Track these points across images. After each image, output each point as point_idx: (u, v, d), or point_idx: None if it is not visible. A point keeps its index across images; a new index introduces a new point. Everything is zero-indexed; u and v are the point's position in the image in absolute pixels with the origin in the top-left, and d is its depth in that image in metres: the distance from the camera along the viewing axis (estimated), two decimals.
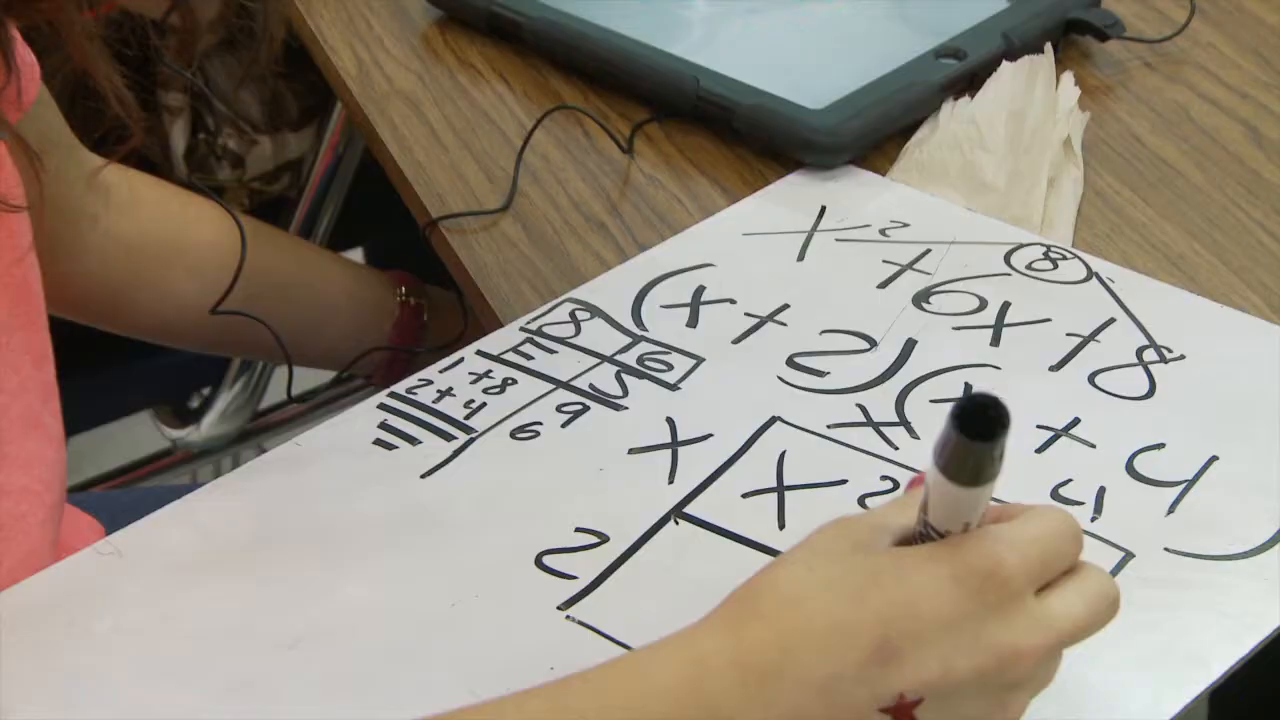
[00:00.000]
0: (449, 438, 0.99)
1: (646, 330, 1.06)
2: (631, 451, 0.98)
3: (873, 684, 0.71)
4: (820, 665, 0.72)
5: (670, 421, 0.99)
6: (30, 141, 0.96)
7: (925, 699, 0.71)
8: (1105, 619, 0.75)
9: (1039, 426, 0.98)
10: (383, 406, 1.02)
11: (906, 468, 0.96)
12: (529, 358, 1.04)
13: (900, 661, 0.71)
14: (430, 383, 1.03)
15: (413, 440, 0.99)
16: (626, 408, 1.00)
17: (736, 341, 1.05)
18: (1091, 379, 1.01)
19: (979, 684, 0.72)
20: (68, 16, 0.88)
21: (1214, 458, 0.95)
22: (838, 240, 1.11)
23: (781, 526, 0.91)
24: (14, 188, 0.93)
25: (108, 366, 1.29)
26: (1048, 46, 1.28)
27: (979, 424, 0.67)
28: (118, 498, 1.20)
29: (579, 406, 1.01)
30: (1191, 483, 0.94)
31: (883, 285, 1.08)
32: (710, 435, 0.97)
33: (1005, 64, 1.24)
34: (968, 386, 1.02)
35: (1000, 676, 0.72)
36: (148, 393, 1.72)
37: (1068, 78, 1.24)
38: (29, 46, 1.00)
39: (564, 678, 0.73)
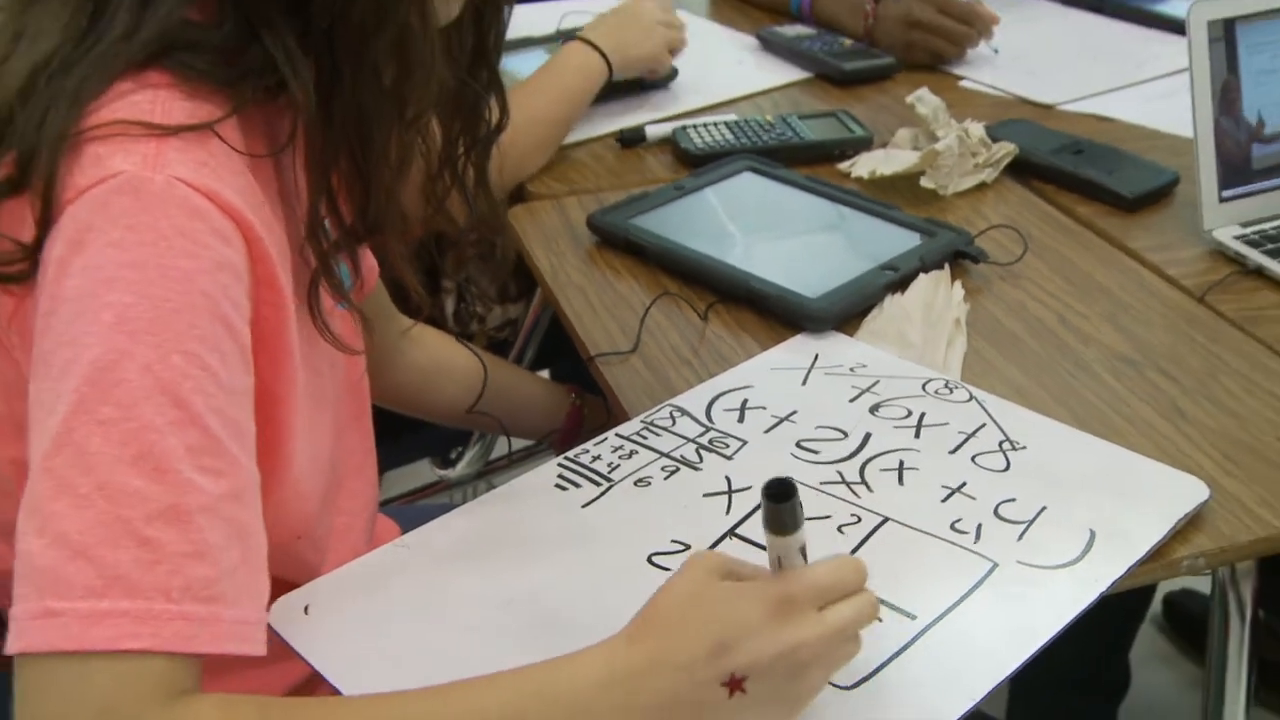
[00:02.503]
0: (598, 484, 0.99)
1: (714, 423, 1.05)
2: (704, 495, 0.97)
3: (714, 668, 0.70)
4: (681, 656, 0.71)
5: (727, 478, 0.98)
6: (366, 313, 0.99)
7: (748, 676, 0.70)
8: (863, 620, 0.74)
9: (942, 486, 0.97)
10: (560, 464, 1.01)
11: (866, 509, 0.95)
12: (644, 438, 1.04)
13: (730, 653, 0.71)
14: (587, 451, 1.03)
15: (576, 484, 0.99)
16: (701, 469, 1.00)
17: (767, 432, 1.04)
18: (973, 459, 1.01)
19: (780, 664, 0.71)
20: (392, 245, 0.89)
21: (1044, 507, 0.94)
22: (825, 374, 1.11)
23: None
24: (356, 339, 0.96)
25: (405, 433, 1.29)
26: (946, 265, 1.25)
27: (777, 493, 0.72)
28: (407, 511, 1.21)
29: (674, 468, 1.00)
30: (1031, 522, 0.93)
31: (851, 401, 1.08)
32: (750, 487, 0.97)
33: (921, 275, 1.25)
34: (901, 464, 0.99)
35: (792, 659, 0.71)
36: (427, 448, 1.72)
37: (957, 284, 1.24)
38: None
39: (508, 670, 0.73)
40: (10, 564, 0.87)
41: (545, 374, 1.69)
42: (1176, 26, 1.87)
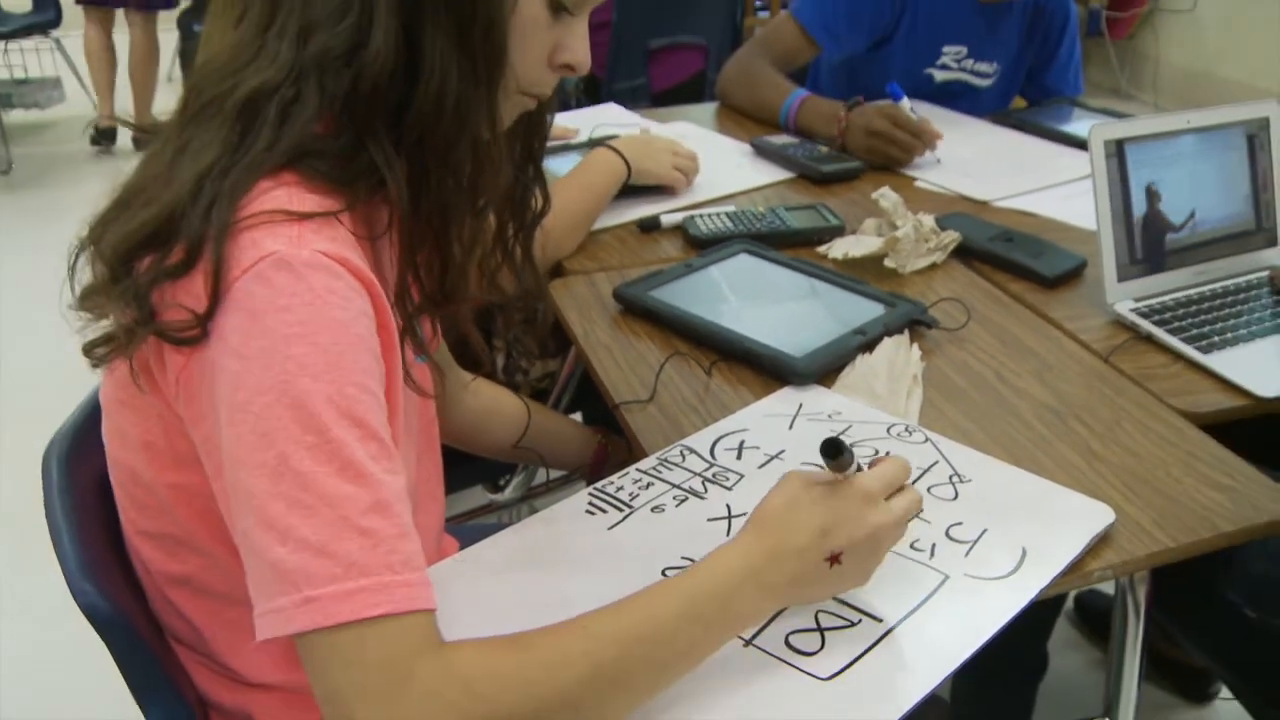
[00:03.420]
0: (621, 510, 0.98)
1: (716, 460, 1.05)
2: (708, 520, 0.97)
3: (820, 549, 0.79)
4: (798, 541, 0.79)
5: (728, 506, 0.98)
6: (438, 363, 0.97)
7: (844, 551, 0.79)
8: (916, 507, 0.84)
9: None
10: (590, 493, 1.01)
11: None
12: (659, 472, 1.03)
13: (831, 536, 0.79)
14: (612, 482, 1.02)
15: (604, 510, 0.98)
16: (706, 498, 1.00)
17: (760, 467, 1.04)
18: (928, 489, 1.01)
19: (865, 542, 0.80)
20: (462, 310, 0.91)
21: (985, 529, 0.95)
22: (808, 420, 1.11)
23: None
24: (430, 385, 0.93)
25: (462, 463, 1.29)
26: (905, 331, 1.26)
27: (829, 451, 0.80)
28: (464, 529, 1.20)
29: (684, 497, 1.00)
30: (975, 542, 0.94)
31: None
32: (746, 513, 0.92)
33: (886, 338, 1.25)
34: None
35: (874, 537, 0.80)
36: (480, 476, 1.72)
37: (915, 346, 1.24)
38: None
39: (653, 585, 0.77)
40: (169, 568, 0.89)
41: (577, 417, 1.69)
42: (1080, 143, 1.92)
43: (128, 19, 4.48)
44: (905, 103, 1.86)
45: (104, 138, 4.54)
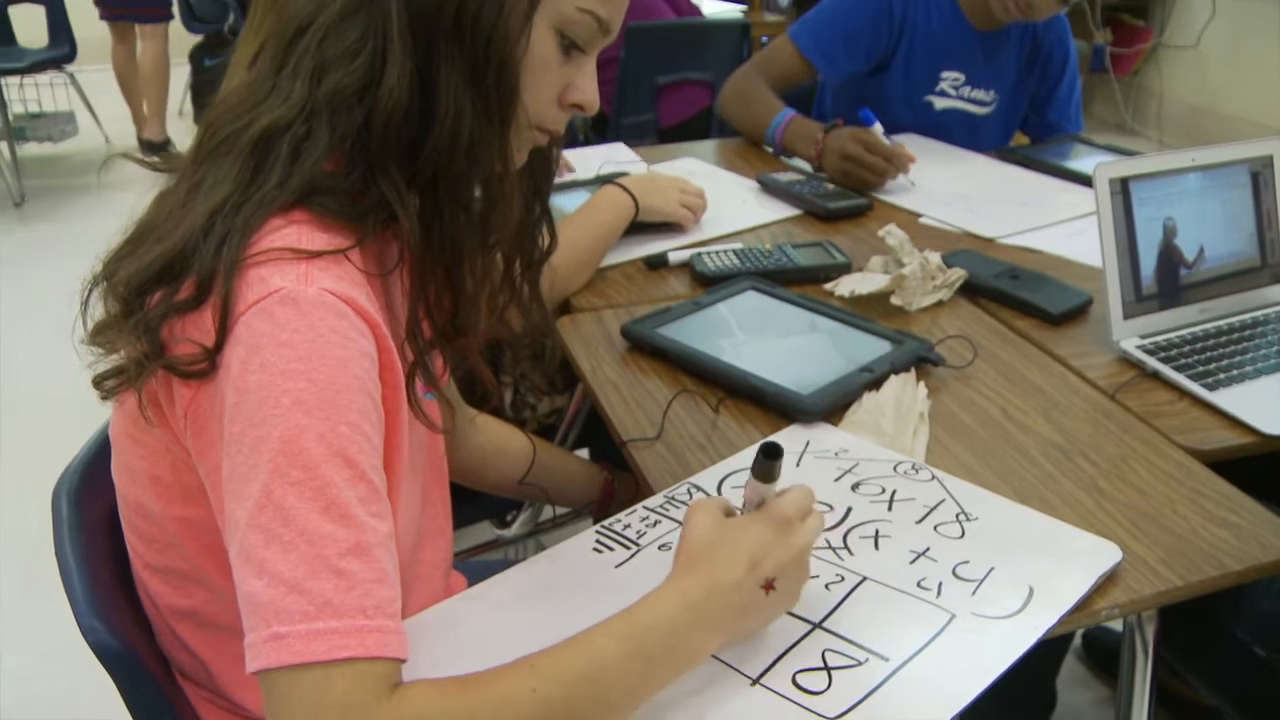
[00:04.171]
0: (628, 548, 0.98)
1: (723, 497, 1.03)
2: None
3: (754, 579, 0.80)
4: (729, 576, 0.79)
5: None
6: (448, 399, 0.97)
7: (777, 577, 0.80)
8: (822, 527, 0.86)
9: (910, 550, 0.96)
10: (597, 531, 1.00)
11: (848, 569, 0.94)
12: (666, 510, 1.03)
13: (761, 565, 0.80)
14: (620, 520, 1.02)
15: (611, 548, 0.98)
16: None
17: None
18: (935, 528, 1.00)
19: (792, 564, 0.81)
20: (472, 345, 0.91)
21: (993, 568, 0.94)
22: (815, 457, 1.10)
23: None
24: (439, 421, 0.96)
25: (471, 499, 1.29)
26: (912, 368, 1.26)
27: (771, 451, 0.82)
28: (471, 564, 1.20)
29: None
30: (982, 580, 0.93)
31: (836, 480, 1.07)
32: None
33: (892, 376, 1.24)
34: (877, 532, 0.98)
35: (800, 558, 0.82)
36: (486, 512, 1.71)
37: (921, 384, 1.24)
38: None
39: (593, 625, 0.77)
40: (175, 602, 0.89)
41: (584, 453, 1.68)
42: (1083, 179, 1.93)
43: (139, 33, 4.76)
44: (877, 127, 1.89)
45: (150, 149, 4.81)
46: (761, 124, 2.05)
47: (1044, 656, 1.73)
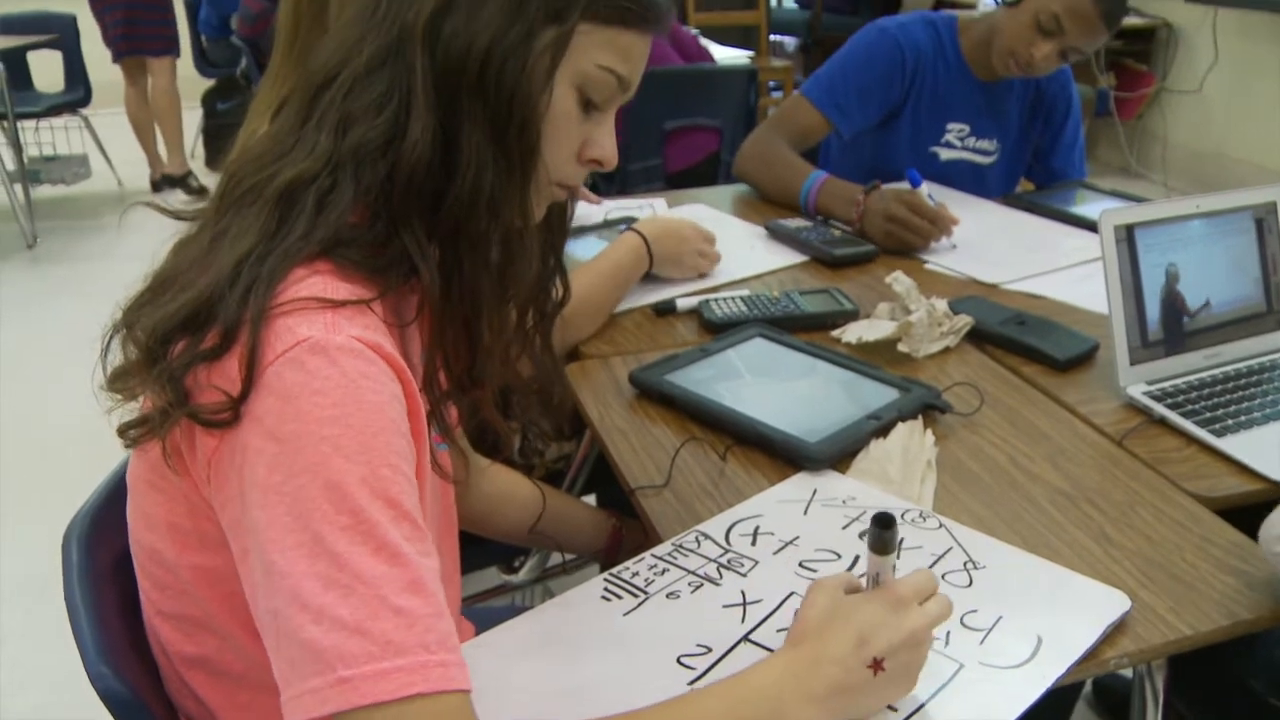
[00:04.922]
0: (636, 596, 0.98)
1: (731, 546, 1.04)
2: (724, 606, 0.96)
3: (860, 656, 0.78)
4: (836, 651, 0.78)
5: (743, 592, 0.98)
6: (461, 448, 0.97)
7: (885, 657, 0.79)
8: (948, 612, 0.83)
9: None
10: (605, 579, 1.00)
11: None
12: (674, 558, 1.03)
13: (869, 644, 0.79)
14: (628, 568, 1.02)
15: (619, 596, 0.98)
16: (721, 584, 0.99)
17: (775, 553, 1.03)
18: (942, 576, 1.00)
19: (904, 646, 0.80)
20: (488, 395, 0.92)
21: (1000, 617, 0.94)
22: (822, 505, 1.10)
23: None
24: (451, 469, 0.96)
25: (478, 544, 1.29)
26: (919, 415, 1.27)
27: (886, 522, 0.81)
28: (478, 610, 1.20)
29: (699, 583, 0.99)
30: (990, 629, 0.93)
31: (844, 528, 1.07)
32: (761, 599, 0.97)
33: (899, 423, 1.25)
34: None
35: (911, 640, 0.80)
36: (493, 557, 1.72)
37: (929, 431, 1.25)
38: None
39: (698, 690, 0.81)
40: (186, 649, 0.89)
41: (592, 499, 1.68)
42: (1088, 225, 1.94)
43: (149, 68, 4.86)
44: (924, 188, 1.88)
45: (169, 184, 4.95)
46: (790, 186, 2.02)
47: (1054, 704, 1.71)
